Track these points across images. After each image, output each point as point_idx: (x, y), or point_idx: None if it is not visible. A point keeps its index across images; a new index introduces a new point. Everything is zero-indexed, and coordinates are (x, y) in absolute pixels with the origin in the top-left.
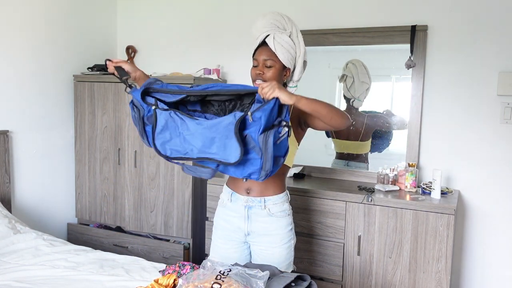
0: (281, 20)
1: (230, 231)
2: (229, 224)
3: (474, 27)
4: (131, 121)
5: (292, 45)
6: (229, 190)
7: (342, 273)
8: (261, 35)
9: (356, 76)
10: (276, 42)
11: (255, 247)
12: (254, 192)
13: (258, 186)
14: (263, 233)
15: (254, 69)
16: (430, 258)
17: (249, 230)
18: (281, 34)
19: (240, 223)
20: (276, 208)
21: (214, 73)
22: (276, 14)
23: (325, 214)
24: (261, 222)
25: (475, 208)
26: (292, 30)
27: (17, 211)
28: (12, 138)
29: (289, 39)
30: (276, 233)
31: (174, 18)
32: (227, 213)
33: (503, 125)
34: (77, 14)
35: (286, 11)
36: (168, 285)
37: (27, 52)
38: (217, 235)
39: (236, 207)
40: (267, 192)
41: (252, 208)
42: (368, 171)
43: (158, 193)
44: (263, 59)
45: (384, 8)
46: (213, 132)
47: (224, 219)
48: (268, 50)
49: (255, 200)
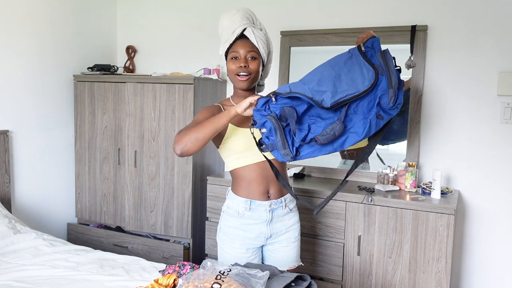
0: (252, 16)
1: (250, 239)
2: (249, 233)
3: (474, 27)
4: (131, 121)
5: (266, 39)
6: (244, 199)
7: (342, 273)
8: (237, 28)
9: None
10: (256, 36)
11: (274, 246)
12: (274, 195)
13: (276, 186)
14: (284, 231)
15: (234, 62)
16: (430, 258)
17: (272, 233)
18: (256, 28)
19: (262, 229)
20: (292, 204)
21: (214, 73)
22: (246, 8)
23: (325, 214)
24: (282, 221)
25: (475, 208)
26: (261, 27)
27: (17, 211)
28: (12, 138)
29: (263, 33)
30: (293, 228)
31: (174, 18)
32: (246, 222)
33: (503, 125)
34: (77, 14)
35: (286, 11)
36: (168, 285)
37: (27, 52)
38: (235, 246)
39: (257, 214)
40: (283, 191)
41: (275, 210)
42: (368, 171)
43: (158, 193)
44: (247, 51)
45: (384, 8)
46: (337, 70)
47: (242, 229)
48: (250, 43)
49: (277, 202)
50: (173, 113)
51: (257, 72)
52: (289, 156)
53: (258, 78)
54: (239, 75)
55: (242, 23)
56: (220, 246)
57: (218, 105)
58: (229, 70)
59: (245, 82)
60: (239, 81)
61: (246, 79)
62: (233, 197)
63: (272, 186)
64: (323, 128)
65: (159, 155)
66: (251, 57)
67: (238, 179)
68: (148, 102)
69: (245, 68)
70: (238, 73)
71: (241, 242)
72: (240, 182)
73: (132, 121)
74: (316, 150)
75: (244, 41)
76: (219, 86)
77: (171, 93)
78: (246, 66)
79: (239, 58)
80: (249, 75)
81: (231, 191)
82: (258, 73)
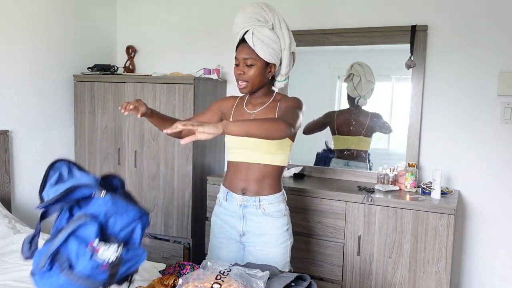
0: (261, 12)
1: (226, 229)
2: (225, 223)
3: (474, 27)
4: (131, 121)
5: (275, 38)
6: (225, 189)
7: (342, 273)
8: (240, 31)
9: (363, 75)
10: (256, 38)
11: (250, 248)
12: (250, 192)
13: (254, 186)
14: (258, 233)
15: (235, 68)
16: (430, 258)
17: (244, 230)
18: (261, 28)
19: (235, 223)
20: (271, 208)
21: (214, 73)
22: (255, 6)
23: (325, 214)
24: (256, 222)
25: (475, 208)
26: (274, 22)
27: (17, 211)
28: (12, 138)
29: (271, 32)
30: (272, 233)
31: (174, 18)
32: (223, 211)
33: (503, 125)
34: (77, 14)
35: (286, 11)
36: (168, 285)
37: (27, 52)
38: (214, 234)
39: (232, 206)
40: (263, 191)
41: (247, 208)
42: (368, 171)
43: (158, 193)
44: (243, 57)
45: (384, 8)
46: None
47: (220, 218)
48: (248, 48)
49: (250, 200)
50: (173, 113)
51: (256, 78)
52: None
53: (263, 82)
54: (238, 81)
55: (244, 25)
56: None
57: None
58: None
59: (242, 90)
60: (239, 88)
61: (243, 87)
62: (221, 186)
63: (250, 184)
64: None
65: (159, 155)
66: (248, 64)
67: (227, 170)
68: (148, 102)
69: (241, 75)
70: (237, 80)
71: (218, 230)
72: (227, 173)
73: (132, 121)
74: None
75: (243, 46)
76: (219, 86)
77: (171, 93)
78: (242, 73)
79: (239, 64)
80: (246, 82)
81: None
82: (259, 79)
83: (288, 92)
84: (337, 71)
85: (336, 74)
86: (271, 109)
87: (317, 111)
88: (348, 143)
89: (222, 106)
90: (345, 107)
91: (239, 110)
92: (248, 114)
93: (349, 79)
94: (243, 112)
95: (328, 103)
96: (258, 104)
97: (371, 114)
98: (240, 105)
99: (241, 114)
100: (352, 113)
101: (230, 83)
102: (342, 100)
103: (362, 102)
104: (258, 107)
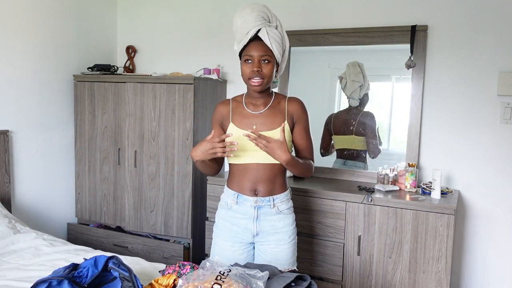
0: (267, 13)
1: (238, 233)
2: (237, 226)
3: (474, 27)
4: (131, 121)
5: (281, 38)
6: (233, 192)
7: (342, 273)
8: (252, 29)
9: (348, 76)
10: (270, 37)
11: (263, 246)
12: (262, 192)
13: (266, 186)
14: (272, 232)
15: (248, 66)
16: (430, 258)
17: (258, 230)
18: (270, 28)
19: (249, 224)
20: (283, 205)
21: (214, 73)
22: (261, 6)
23: (325, 214)
24: (270, 221)
25: (475, 208)
26: (277, 23)
27: (17, 211)
28: (12, 138)
29: (278, 32)
30: (284, 230)
31: (174, 18)
32: (233, 215)
33: (503, 125)
34: (77, 14)
35: (286, 11)
36: (168, 285)
37: (27, 52)
38: (223, 238)
39: (244, 209)
40: (275, 191)
41: (262, 208)
42: (368, 171)
43: (158, 193)
44: (260, 54)
45: (384, 8)
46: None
47: (230, 221)
48: (263, 45)
49: (264, 200)
50: (173, 113)
51: (271, 76)
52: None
53: (271, 81)
54: (252, 79)
55: (256, 24)
56: (212, 238)
57: (228, 100)
58: (242, 72)
59: (258, 87)
60: (252, 86)
61: (259, 84)
62: (226, 190)
63: (261, 185)
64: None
65: (159, 155)
66: (264, 60)
67: (232, 173)
68: (148, 102)
69: (258, 72)
70: (251, 77)
71: (229, 234)
72: (233, 176)
73: (132, 121)
74: None
75: (258, 43)
76: (219, 86)
77: (171, 93)
78: (260, 70)
79: (253, 61)
80: (262, 79)
81: (226, 184)
82: (272, 76)
83: (288, 92)
84: (337, 71)
85: (336, 74)
86: (277, 113)
87: (317, 111)
88: (343, 143)
89: (219, 117)
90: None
91: (240, 111)
92: (252, 114)
93: (342, 83)
94: (246, 114)
95: (328, 103)
96: (261, 104)
97: (362, 112)
98: (239, 107)
99: (244, 115)
100: (346, 113)
101: (230, 83)
102: (342, 100)
103: (352, 102)
104: (261, 107)
